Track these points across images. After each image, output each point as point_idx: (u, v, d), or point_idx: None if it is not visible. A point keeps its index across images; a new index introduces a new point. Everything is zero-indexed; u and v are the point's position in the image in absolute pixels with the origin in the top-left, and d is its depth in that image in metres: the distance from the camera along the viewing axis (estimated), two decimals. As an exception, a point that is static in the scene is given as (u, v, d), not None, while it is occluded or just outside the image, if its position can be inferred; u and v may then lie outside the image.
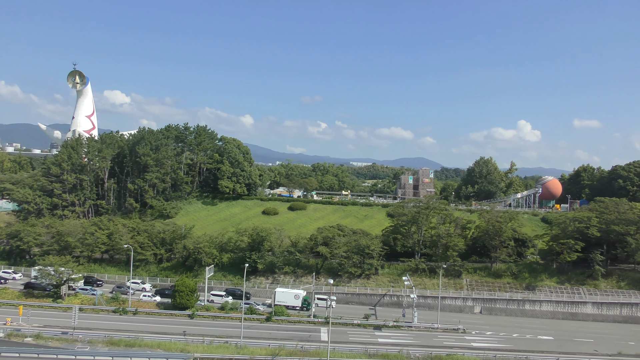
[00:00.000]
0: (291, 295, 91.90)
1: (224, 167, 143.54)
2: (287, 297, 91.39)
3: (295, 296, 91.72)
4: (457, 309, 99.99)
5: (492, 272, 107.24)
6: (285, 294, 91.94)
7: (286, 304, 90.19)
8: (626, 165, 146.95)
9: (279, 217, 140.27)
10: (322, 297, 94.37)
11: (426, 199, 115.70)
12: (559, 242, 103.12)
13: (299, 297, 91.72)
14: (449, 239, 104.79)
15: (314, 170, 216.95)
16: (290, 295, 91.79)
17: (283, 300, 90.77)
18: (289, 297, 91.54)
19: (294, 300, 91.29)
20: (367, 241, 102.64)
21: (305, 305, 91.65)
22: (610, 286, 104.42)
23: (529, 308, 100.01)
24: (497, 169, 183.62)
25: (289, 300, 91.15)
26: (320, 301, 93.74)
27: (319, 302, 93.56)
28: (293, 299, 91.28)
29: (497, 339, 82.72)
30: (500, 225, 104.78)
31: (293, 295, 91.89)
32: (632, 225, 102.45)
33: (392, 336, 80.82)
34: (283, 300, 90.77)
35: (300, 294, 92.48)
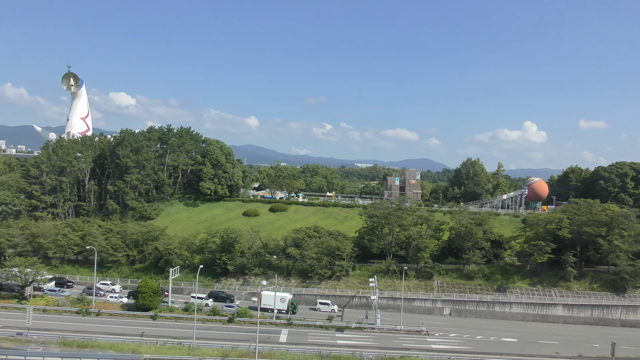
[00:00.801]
0: (277, 298, 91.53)
1: (205, 168, 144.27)
2: (273, 301, 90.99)
3: (281, 299, 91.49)
4: (426, 311, 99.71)
5: (464, 273, 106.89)
6: (272, 297, 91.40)
7: (272, 307, 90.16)
8: (608, 167, 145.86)
9: (259, 218, 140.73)
10: (325, 302, 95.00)
11: (398, 200, 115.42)
12: (531, 243, 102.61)
13: (285, 300, 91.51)
14: (420, 241, 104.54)
15: (303, 172, 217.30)
16: (277, 299, 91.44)
17: (269, 303, 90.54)
18: (275, 300, 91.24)
19: (280, 303, 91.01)
20: (337, 243, 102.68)
21: (291, 308, 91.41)
22: (583, 288, 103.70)
23: (498, 310, 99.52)
24: (484, 170, 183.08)
25: (275, 303, 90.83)
26: (322, 305, 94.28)
27: (321, 306, 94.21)
28: (279, 302, 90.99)
29: (459, 341, 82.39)
30: (471, 227, 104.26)
31: (279, 298, 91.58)
32: (603, 227, 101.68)
33: (352, 338, 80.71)
34: (269, 303, 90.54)
35: (286, 297, 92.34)
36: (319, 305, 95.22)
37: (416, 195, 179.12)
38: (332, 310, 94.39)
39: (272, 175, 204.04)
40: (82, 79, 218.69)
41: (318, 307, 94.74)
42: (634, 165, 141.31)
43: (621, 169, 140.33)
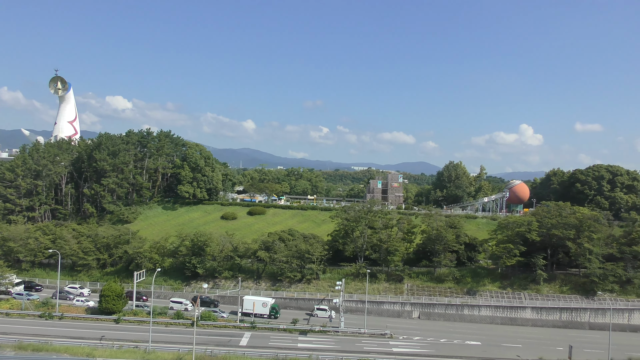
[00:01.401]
0: (259, 303, 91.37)
1: (183, 172, 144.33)
2: (254, 305, 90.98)
3: (263, 304, 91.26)
4: (395, 314, 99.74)
5: (434, 277, 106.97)
6: (252, 302, 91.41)
7: (254, 311, 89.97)
8: (585, 170, 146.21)
9: (237, 222, 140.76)
10: (322, 308, 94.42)
11: (369, 203, 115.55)
12: (500, 246, 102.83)
13: (266, 305, 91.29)
14: (390, 244, 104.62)
15: (288, 175, 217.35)
16: (258, 303, 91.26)
17: (251, 308, 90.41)
18: (256, 305, 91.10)
19: (262, 308, 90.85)
20: (307, 246, 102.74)
21: (273, 313, 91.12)
22: (553, 291, 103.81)
23: (467, 313, 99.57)
24: (466, 173, 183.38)
25: (256, 308, 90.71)
26: (320, 312, 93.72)
27: (319, 312, 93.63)
28: (261, 307, 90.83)
29: (422, 344, 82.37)
30: (441, 230, 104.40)
31: (261, 303, 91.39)
32: (571, 230, 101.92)
33: (314, 341, 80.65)
34: (251, 308, 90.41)
35: (268, 301, 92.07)
36: (317, 311, 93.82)
37: (398, 199, 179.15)
38: (329, 316, 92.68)
39: (256, 179, 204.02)
40: (69, 82, 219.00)
41: (315, 314, 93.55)
42: (611, 169, 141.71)
43: (598, 172, 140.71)
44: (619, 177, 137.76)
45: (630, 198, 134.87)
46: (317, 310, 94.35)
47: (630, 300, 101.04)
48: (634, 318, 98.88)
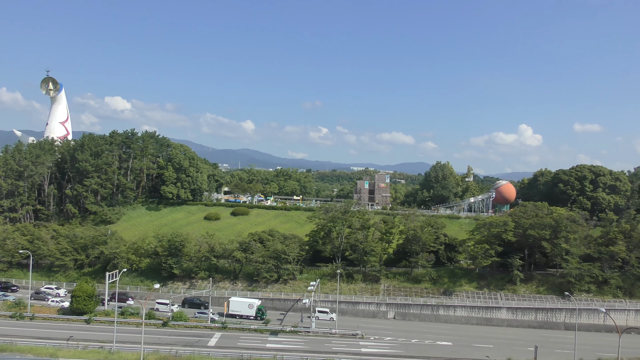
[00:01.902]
0: (245, 304, 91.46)
1: (167, 172, 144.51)
2: (241, 307, 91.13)
3: (249, 305, 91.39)
4: (370, 314, 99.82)
5: (411, 277, 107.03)
6: (239, 304, 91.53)
7: (240, 313, 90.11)
8: (569, 170, 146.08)
9: (220, 222, 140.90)
10: (323, 310, 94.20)
11: (345, 204, 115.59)
12: (476, 246, 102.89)
13: (253, 306, 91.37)
14: (367, 244, 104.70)
15: (277, 176, 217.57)
16: (244, 305, 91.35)
17: (237, 309, 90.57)
18: (242, 306, 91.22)
19: (248, 309, 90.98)
20: (283, 246, 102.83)
21: (259, 314, 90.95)
22: (530, 291, 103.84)
23: (442, 313, 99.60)
24: (453, 173, 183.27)
25: (242, 309, 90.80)
26: (321, 314, 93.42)
27: (320, 314, 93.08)
28: (247, 309, 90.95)
29: (393, 344, 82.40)
30: (417, 231, 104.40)
31: (247, 304, 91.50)
32: (547, 230, 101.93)
33: (284, 342, 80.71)
34: (237, 309, 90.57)
35: (254, 303, 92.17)
36: (317, 313, 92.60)
37: (385, 199, 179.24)
38: (330, 318, 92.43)
39: (245, 179, 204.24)
40: (61, 83, 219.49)
41: (316, 316, 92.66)
42: (593, 169, 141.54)
43: (581, 172, 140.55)
44: (601, 178, 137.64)
45: (612, 198, 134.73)
46: (318, 312, 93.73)
47: (606, 300, 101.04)
48: (609, 318, 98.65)
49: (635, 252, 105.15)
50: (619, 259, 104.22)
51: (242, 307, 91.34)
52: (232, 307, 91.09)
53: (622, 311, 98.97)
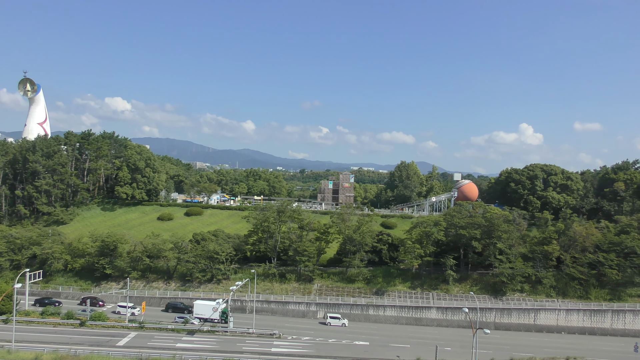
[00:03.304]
0: (209, 307, 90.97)
1: (121, 173, 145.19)
2: (205, 310, 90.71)
3: (213, 308, 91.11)
4: (300, 314, 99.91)
5: (346, 277, 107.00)
6: (204, 307, 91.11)
7: (204, 316, 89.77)
8: (521, 169, 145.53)
9: (172, 222, 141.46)
10: (335, 316, 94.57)
11: (279, 204, 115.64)
12: (406, 246, 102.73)
13: (217, 309, 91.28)
14: (300, 244, 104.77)
15: (247, 176, 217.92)
16: (209, 307, 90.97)
17: (201, 312, 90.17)
18: (207, 309, 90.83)
19: (212, 312, 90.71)
20: (216, 246, 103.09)
21: (223, 317, 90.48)
22: (463, 291, 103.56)
23: (372, 313, 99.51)
24: (417, 173, 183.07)
25: (207, 312, 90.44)
26: (333, 320, 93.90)
27: (331, 320, 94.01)
28: (211, 311, 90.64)
29: (307, 344, 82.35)
30: (350, 231, 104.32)
31: (211, 307, 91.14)
32: (478, 230, 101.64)
33: (196, 341, 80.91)
34: (201, 312, 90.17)
35: (219, 306, 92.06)
36: (329, 319, 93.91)
37: (349, 199, 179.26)
38: (342, 324, 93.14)
39: (214, 180, 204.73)
40: (38, 84, 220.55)
41: (328, 322, 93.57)
42: (545, 168, 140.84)
43: (533, 171, 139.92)
44: (552, 177, 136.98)
45: (562, 198, 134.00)
46: (330, 318, 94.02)
47: (538, 300, 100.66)
48: (539, 318, 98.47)
49: (571, 251, 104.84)
50: (553, 258, 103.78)
51: (206, 310, 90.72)
52: (197, 310, 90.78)
53: (552, 311, 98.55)
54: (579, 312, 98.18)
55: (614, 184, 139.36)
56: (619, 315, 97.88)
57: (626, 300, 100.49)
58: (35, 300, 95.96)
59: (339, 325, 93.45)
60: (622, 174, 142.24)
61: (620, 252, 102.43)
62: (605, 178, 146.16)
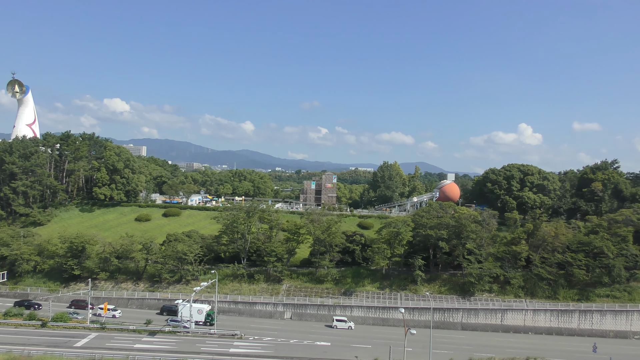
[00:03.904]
0: (194, 309, 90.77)
1: (99, 174, 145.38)
2: (189, 312, 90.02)
3: (198, 311, 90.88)
4: (268, 315, 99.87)
5: (315, 277, 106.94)
6: (188, 309, 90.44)
7: (189, 318, 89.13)
8: (499, 169, 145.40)
9: (150, 223, 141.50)
10: (341, 319, 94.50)
11: (249, 204, 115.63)
12: (374, 246, 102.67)
13: (202, 311, 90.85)
14: (268, 245, 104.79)
15: (232, 177, 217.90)
16: (194, 310, 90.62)
17: (186, 314, 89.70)
18: (192, 311, 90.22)
19: (197, 314, 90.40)
20: (184, 247, 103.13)
21: (208, 319, 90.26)
22: (432, 291, 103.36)
23: (340, 314, 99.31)
24: (400, 173, 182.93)
25: (192, 314, 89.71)
26: (339, 323, 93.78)
27: (338, 323, 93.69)
28: (196, 314, 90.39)
29: (267, 345, 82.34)
30: (318, 232, 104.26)
31: (196, 309, 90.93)
32: (445, 230, 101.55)
33: (155, 342, 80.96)
34: (186, 314, 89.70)
35: (203, 308, 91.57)
36: (335, 322, 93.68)
37: (331, 199, 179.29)
38: (349, 327, 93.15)
39: (199, 180, 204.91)
40: (27, 85, 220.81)
41: (334, 325, 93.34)
42: (522, 168, 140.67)
43: (509, 171, 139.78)
44: (529, 177, 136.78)
45: (538, 198, 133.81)
46: (337, 321, 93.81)
47: (506, 300, 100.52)
48: (507, 318, 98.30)
49: (540, 252, 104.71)
50: (522, 258, 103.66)
51: (191, 312, 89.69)
52: (182, 312, 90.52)
53: (519, 311, 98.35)
54: (546, 312, 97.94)
55: (591, 184, 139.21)
56: (586, 316, 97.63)
57: (594, 301, 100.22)
58: (15, 303, 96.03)
59: (345, 328, 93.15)
60: (600, 174, 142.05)
61: (590, 252, 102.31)
62: (584, 178, 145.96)
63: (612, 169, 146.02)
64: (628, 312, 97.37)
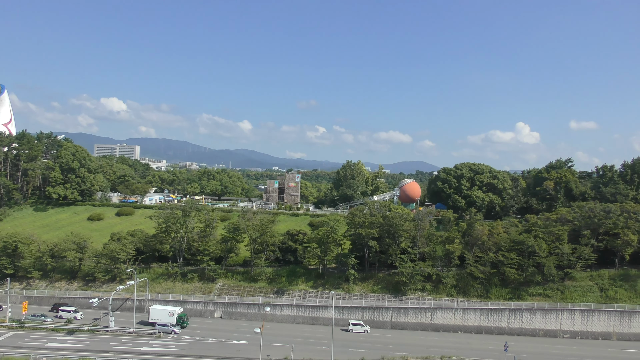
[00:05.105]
0: (165, 312, 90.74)
1: (52, 174, 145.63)
2: (161, 315, 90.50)
3: (169, 313, 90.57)
4: (198, 314, 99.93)
5: (250, 276, 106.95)
6: (159, 312, 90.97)
7: (160, 321, 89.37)
8: (450, 168, 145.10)
9: (102, 222, 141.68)
10: (357, 323, 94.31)
11: (184, 203, 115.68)
12: (304, 245, 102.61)
13: (173, 314, 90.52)
14: (201, 244, 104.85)
15: (200, 176, 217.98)
16: (165, 313, 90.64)
17: (157, 317, 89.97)
18: (163, 314, 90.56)
19: (168, 317, 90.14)
20: (117, 246, 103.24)
21: (179, 322, 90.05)
22: (365, 290, 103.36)
23: (270, 312, 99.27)
24: (363, 172, 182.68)
25: (162, 317, 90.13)
26: (355, 327, 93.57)
27: (354, 327, 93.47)
28: (167, 317, 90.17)
29: (182, 343, 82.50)
30: (250, 231, 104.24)
31: (167, 312, 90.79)
32: (374, 229, 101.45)
33: (70, 341, 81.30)
34: (157, 317, 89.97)
35: (174, 311, 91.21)
36: (352, 326, 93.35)
37: (294, 198, 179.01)
38: (365, 331, 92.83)
39: (167, 180, 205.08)
40: (2, 85, 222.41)
41: (350, 329, 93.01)
42: (473, 167, 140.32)
43: (460, 170, 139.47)
44: (479, 176, 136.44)
45: (487, 197, 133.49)
46: (352, 325, 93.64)
47: (437, 299, 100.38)
48: (436, 317, 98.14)
49: (475, 250, 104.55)
50: (455, 257, 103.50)
51: (162, 315, 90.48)
52: (152, 315, 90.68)
53: (449, 310, 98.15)
54: (475, 311, 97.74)
55: (543, 182, 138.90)
56: (516, 315, 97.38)
57: (526, 300, 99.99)
58: None
59: (361, 332, 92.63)
60: (554, 173, 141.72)
61: (525, 251, 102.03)
62: (539, 177, 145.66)
63: (565, 167, 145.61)
64: (558, 311, 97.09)
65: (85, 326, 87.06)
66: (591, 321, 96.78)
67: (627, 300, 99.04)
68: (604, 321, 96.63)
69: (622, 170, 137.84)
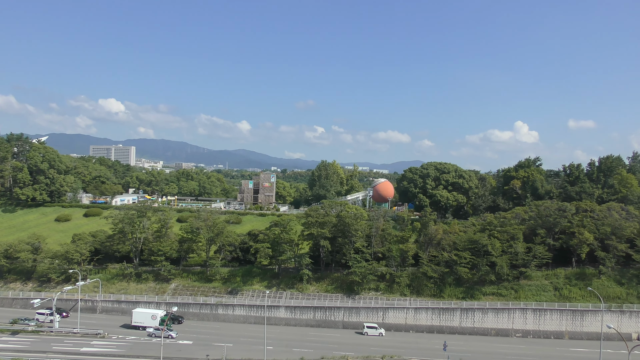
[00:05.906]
0: (148, 315, 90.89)
1: (20, 175, 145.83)
2: (144, 318, 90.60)
3: (152, 316, 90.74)
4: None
5: (205, 276, 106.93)
6: (142, 315, 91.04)
7: (143, 324, 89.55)
8: (417, 168, 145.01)
9: (69, 223, 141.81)
10: (372, 326, 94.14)
11: (140, 204, 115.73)
12: (258, 244, 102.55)
13: (156, 317, 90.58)
14: (155, 244, 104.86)
15: (178, 177, 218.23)
16: (148, 316, 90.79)
17: (140, 320, 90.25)
18: (146, 317, 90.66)
19: (152, 320, 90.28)
20: (71, 246, 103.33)
21: (162, 325, 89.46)
22: (319, 290, 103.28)
23: (222, 312, 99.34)
24: (337, 172, 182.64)
25: (146, 320, 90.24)
26: (370, 329, 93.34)
27: (368, 330, 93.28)
28: (150, 320, 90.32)
29: (126, 344, 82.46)
30: (205, 231, 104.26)
31: (150, 315, 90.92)
32: (325, 228, 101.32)
33: (12, 341, 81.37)
34: (140, 320, 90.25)
35: (157, 314, 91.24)
36: (366, 329, 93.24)
37: (269, 198, 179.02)
38: (380, 333, 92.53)
39: (145, 181, 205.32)
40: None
41: (365, 332, 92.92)
42: (439, 166, 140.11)
43: (426, 169, 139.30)
44: (444, 175, 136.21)
45: (452, 196, 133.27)
46: (367, 328, 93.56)
47: (390, 298, 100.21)
48: (388, 317, 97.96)
49: (430, 250, 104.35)
50: (410, 257, 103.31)
51: (145, 318, 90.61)
52: (135, 318, 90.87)
53: (401, 309, 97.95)
54: (427, 310, 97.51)
55: (510, 181, 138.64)
56: (468, 314, 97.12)
57: (480, 299, 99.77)
58: None
59: (376, 335, 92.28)
60: (522, 172, 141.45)
61: (479, 250, 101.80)
62: (508, 176, 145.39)
63: (534, 166, 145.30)
64: (510, 310, 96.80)
65: (29, 327, 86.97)
66: (543, 320, 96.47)
67: (581, 299, 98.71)
68: (556, 320, 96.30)
69: (588, 169, 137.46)
